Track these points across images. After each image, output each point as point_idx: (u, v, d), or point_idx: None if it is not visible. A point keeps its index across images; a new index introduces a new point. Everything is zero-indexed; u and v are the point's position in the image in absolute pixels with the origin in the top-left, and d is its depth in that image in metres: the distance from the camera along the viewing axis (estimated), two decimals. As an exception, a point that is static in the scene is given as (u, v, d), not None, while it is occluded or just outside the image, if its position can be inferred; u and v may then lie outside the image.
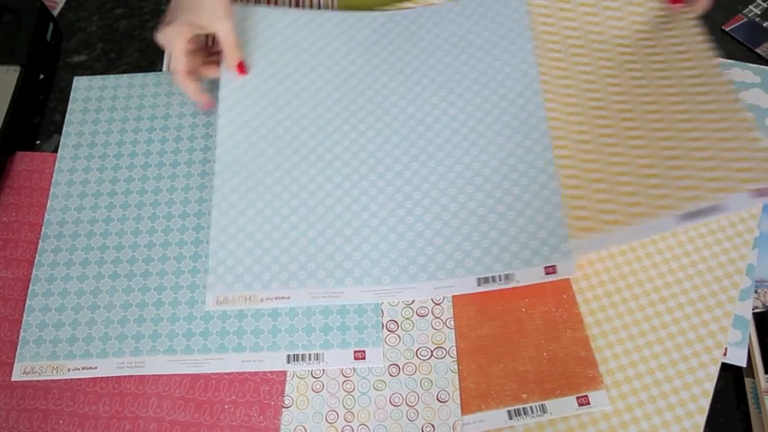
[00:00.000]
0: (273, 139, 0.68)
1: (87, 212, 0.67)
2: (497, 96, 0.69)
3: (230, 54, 0.67)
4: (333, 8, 0.79)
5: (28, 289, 0.64)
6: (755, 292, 0.62)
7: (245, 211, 0.65)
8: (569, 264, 0.60)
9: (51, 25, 0.77)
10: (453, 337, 0.61)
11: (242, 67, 0.69)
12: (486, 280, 0.61)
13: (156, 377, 0.60)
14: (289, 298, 0.61)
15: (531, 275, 0.61)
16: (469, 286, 0.61)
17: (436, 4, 0.75)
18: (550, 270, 0.61)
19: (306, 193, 0.65)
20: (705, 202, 0.59)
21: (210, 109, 0.70)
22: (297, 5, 0.79)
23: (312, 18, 0.74)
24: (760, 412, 0.57)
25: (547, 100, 0.68)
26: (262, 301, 0.61)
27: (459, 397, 0.58)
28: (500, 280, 0.61)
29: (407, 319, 0.62)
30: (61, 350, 0.61)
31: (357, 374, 0.60)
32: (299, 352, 0.60)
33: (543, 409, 0.57)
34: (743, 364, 0.59)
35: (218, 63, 0.69)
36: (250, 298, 0.62)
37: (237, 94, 0.69)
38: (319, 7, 0.78)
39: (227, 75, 0.69)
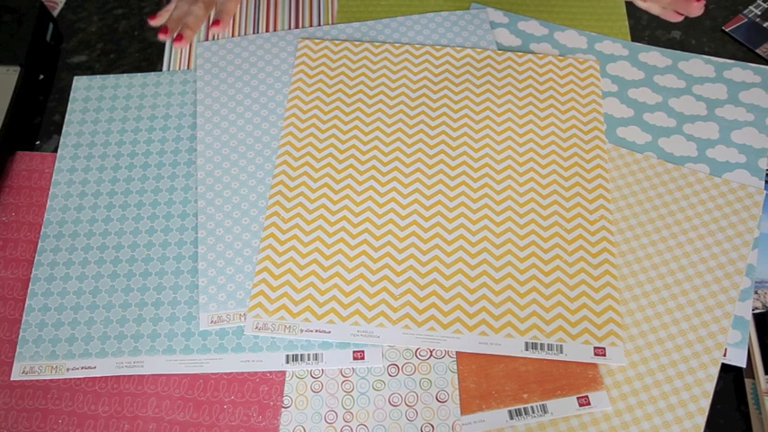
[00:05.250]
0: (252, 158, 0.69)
1: (87, 212, 0.67)
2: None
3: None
4: (332, 14, 0.79)
5: (27, 288, 0.64)
6: (755, 292, 0.62)
7: (231, 228, 0.65)
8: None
9: (51, 26, 0.77)
10: (453, 337, 0.61)
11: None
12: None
13: (156, 377, 0.60)
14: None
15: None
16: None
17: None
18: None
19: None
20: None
21: None
22: (296, 15, 0.79)
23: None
24: (760, 413, 0.57)
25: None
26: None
27: (458, 397, 0.58)
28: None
29: (407, 319, 0.62)
30: (60, 350, 0.61)
31: (356, 374, 0.59)
32: (298, 352, 0.60)
33: (544, 409, 0.57)
34: (742, 364, 0.59)
35: None
36: (243, 316, 0.61)
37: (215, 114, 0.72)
38: (319, 14, 0.78)
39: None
